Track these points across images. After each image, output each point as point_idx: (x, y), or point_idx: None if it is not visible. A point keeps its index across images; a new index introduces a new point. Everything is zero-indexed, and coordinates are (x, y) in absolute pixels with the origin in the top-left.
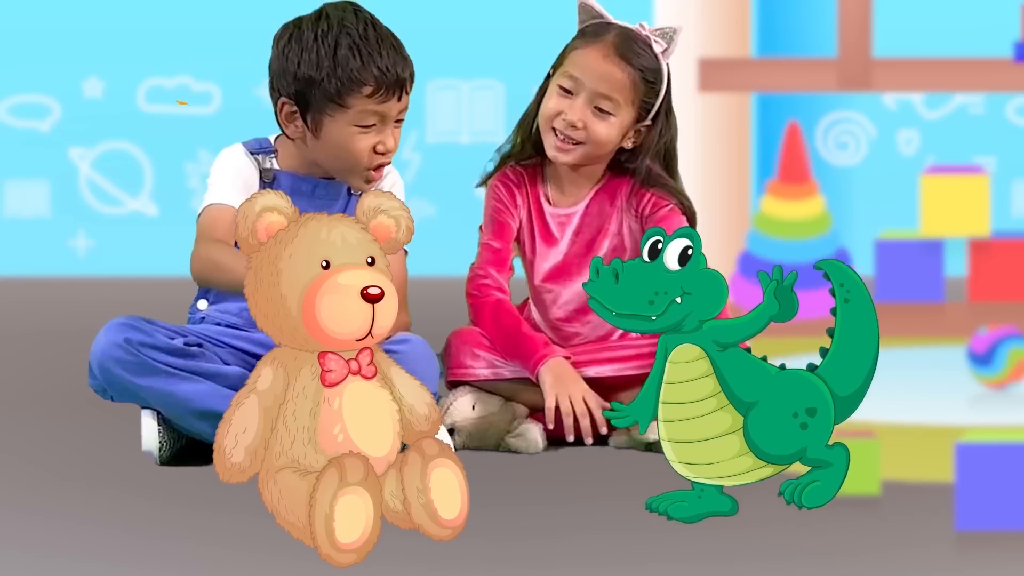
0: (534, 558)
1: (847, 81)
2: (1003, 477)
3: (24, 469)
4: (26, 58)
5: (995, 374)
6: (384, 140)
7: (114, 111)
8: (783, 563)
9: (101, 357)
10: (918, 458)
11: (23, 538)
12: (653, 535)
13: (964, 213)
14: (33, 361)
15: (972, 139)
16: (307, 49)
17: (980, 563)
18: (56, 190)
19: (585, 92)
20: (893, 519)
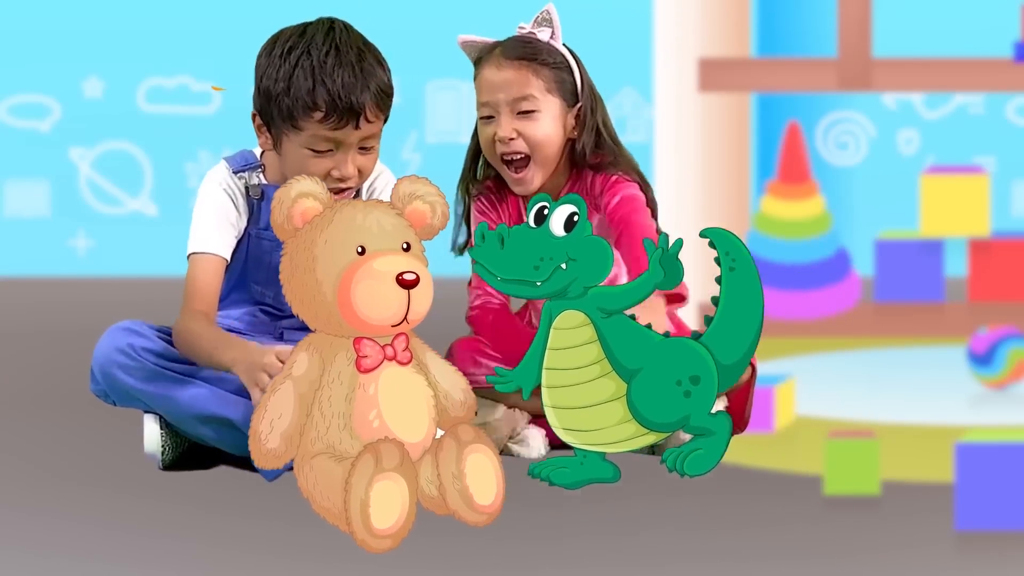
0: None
1: (847, 81)
2: (1003, 477)
3: (25, 470)
4: (26, 58)
5: (995, 374)
6: (340, 167)
7: (114, 111)
8: (784, 563)
9: (103, 362)
10: (918, 458)
11: (24, 538)
12: (653, 534)
13: (964, 213)
14: (34, 362)
15: (972, 139)
16: (272, 64)
17: (980, 563)
18: (56, 190)
19: (502, 106)
20: (893, 519)
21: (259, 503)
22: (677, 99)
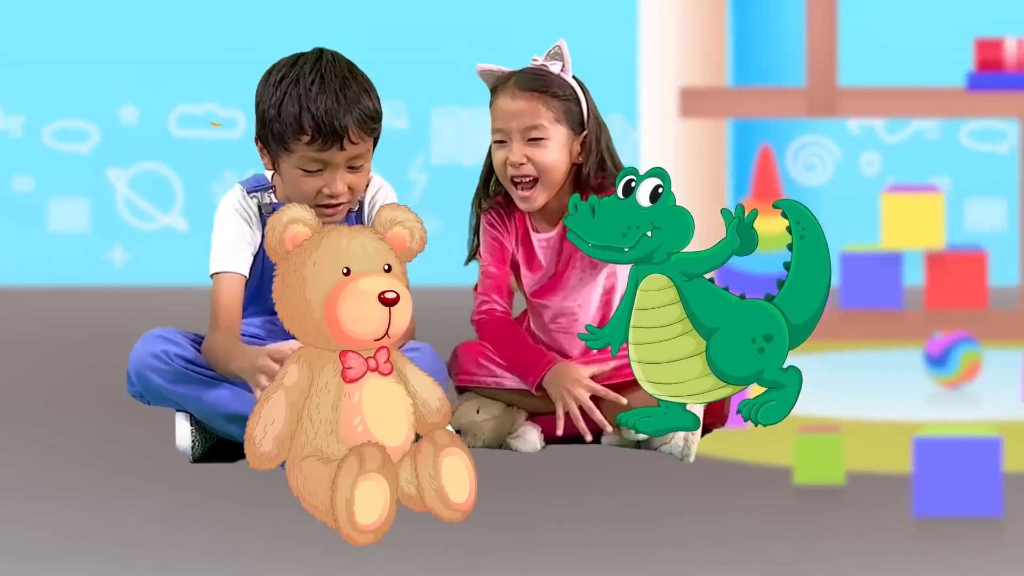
0: (532, 543)
1: (815, 108)
2: (957, 468)
3: (68, 462)
4: (68, 87)
5: (949, 375)
6: (329, 185)
7: (148, 135)
8: (758, 545)
9: (139, 366)
10: (879, 451)
11: (66, 523)
12: (640, 521)
13: (921, 228)
14: (75, 365)
15: (928, 161)
16: (266, 92)
17: (936, 548)
18: (95, 207)
19: (514, 133)
20: (856, 506)
21: (275, 493)
22: (660, 124)
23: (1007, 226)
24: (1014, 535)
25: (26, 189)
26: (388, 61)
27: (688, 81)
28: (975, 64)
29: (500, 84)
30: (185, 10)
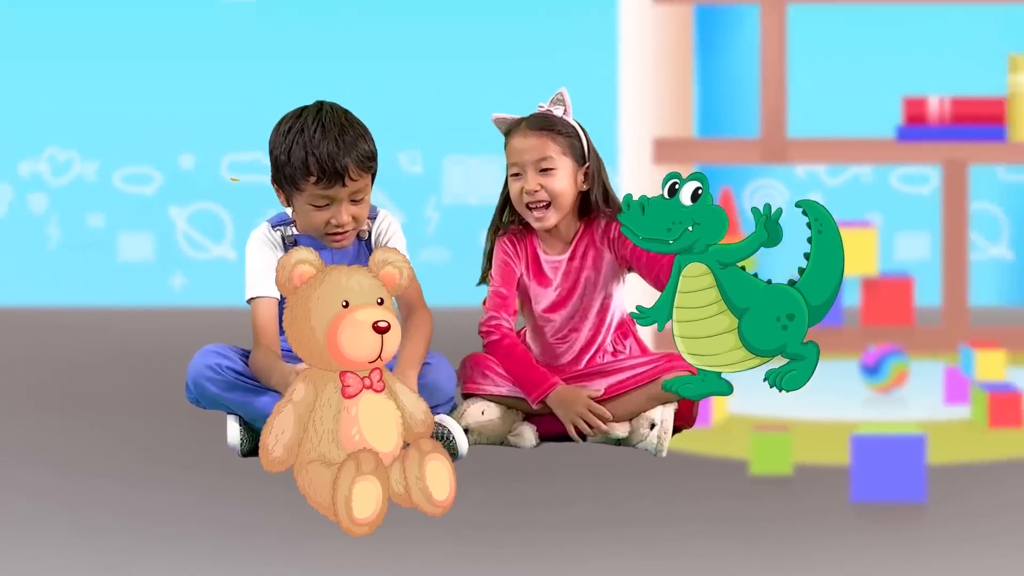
0: (526, 523)
1: (767, 155)
2: (888, 461)
3: (136, 457)
4: (135, 138)
5: (881, 382)
6: (335, 217)
7: (203, 179)
8: (719, 527)
9: (195, 376)
10: (822, 446)
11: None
12: (619, 505)
13: (857, 257)
14: (141, 375)
15: (864, 201)
16: (277, 141)
17: (870, 528)
18: (158, 240)
19: (528, 165)
20: (802, 493)
21: None
22: (637, 169)
23: (930, 256)
24: (936, 517)
25: (99, 225)
26: (406, 117)
27: (660, 132)
28: (903, 118)
29: (513, 128)
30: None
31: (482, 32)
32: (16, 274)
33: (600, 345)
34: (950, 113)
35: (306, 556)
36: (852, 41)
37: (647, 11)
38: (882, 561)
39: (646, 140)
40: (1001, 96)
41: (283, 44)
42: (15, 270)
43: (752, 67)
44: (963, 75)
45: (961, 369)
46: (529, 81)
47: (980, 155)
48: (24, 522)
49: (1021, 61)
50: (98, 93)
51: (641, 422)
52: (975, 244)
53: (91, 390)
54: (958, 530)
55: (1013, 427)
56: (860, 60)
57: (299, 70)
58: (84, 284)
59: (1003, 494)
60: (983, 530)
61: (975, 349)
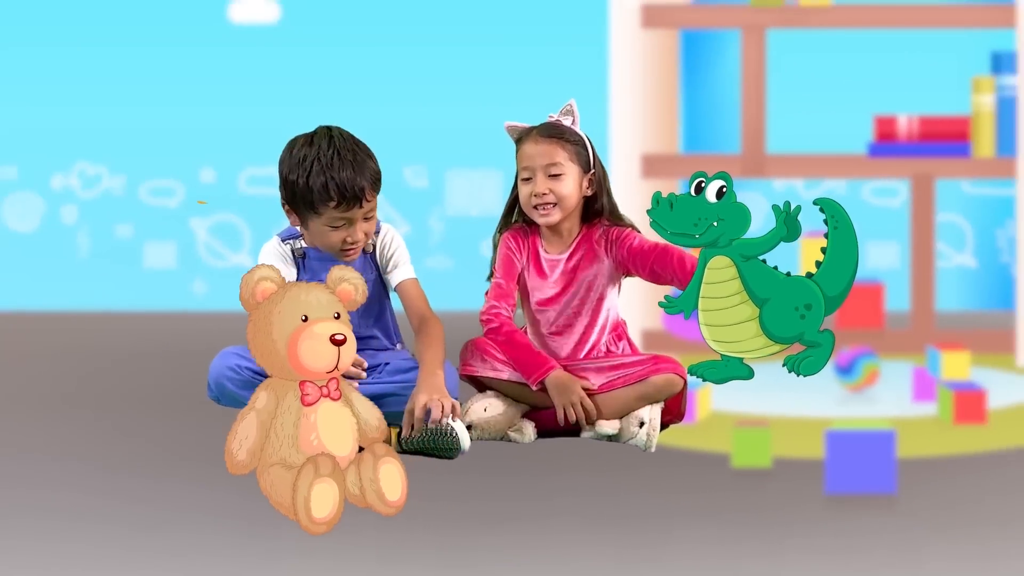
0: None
1: (747, 170)
2: (860, 455)
3: (159, 452)
4: (159, 153)
5: (854, 381)
6: (351, 235)
7: (222, 192)
8: (704, 518)
9: (216, 376)
10: (798, 441)
11: (157, 497)
12: (610, 496)
13: None
14: (164, 374)
15: None
16: (292, 167)
17: (842, 516)
18: (181, 249)
19: (538, 170)
20: (781, 485)
21: None
22: (626, 183)
23: (899, 264)
24: (905, 507)
25: (127, 235)
26: (411, 134)
27: (648, 149)
28: (874, 135)
29: (524, 135)
30: (250, 91)
31: (482, 56)
32: (49, 281)
33: (595, 344)
34: (918, 131)
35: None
36: (827, 64)
37: (636, 35)
38: (855, 548)
39: (635, 155)
40: (965, 115)
41: (297, 65)
42: (48, 277)
43: (734, 88)
44: (930, 95)
45: (928, 369)
46: (525, 101)
47: (946, 170)
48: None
49: (983, 82)
50: (125, 112)
51: (631, 420)
52: (941, 253)
53: (118, 388)
54: (926, 519)
55: (976, 423)
56: (834, 81)
57: (312, 90)
58: (112, 290)
59: (967, 486)
60: (949, 519)
61: (941, 351)
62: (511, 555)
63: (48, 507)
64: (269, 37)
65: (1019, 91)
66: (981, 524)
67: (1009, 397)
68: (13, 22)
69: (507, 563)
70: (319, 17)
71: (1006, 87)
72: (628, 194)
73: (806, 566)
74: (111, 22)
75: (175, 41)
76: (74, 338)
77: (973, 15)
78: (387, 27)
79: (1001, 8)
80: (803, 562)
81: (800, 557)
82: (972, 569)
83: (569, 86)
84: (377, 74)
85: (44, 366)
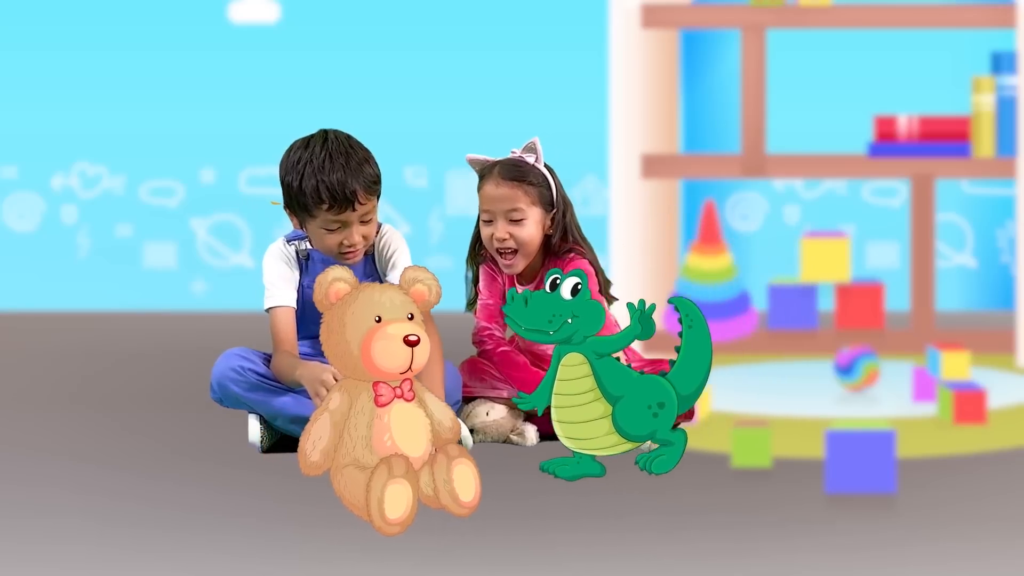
0: (528, 512)
1: (748, 170)
2: (860, 455)
3: (163, 453)
4: (159, 153)
5: (854, 381)
6: (347, 238)
7: (223, 192)
8: (704, 517)
9: (219, 377)
10: (798, 441)
11: (160, 498)
12: (613, 494)
13: (832, 265)
14: (164, 374)
15: (838, 212)
16: (288, 171)
17: (843, 516)
18: (181, 249)
19: (498, 214)
20: (781, 484)
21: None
22: (626, 183)
23: (899, 264)
24: (905, 507)
25: (127, 235)
26: (412, 134)
27: (648, 149)
28: (874, 135)
29: (486, 172)
30: (251, 91)
31: (482, 55)
32: (49, 280)
33: None
34: (918, 131)
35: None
36: (826, 63)
37: (636, 35)
38: (855, 547)
39: (635, 156)
40: (965, 115)
41: (297, 65)
42: (49, 277)
43: (734, 88)
44: (930, 95)
45: (928, 369)
46: (526, 101)
47: (946, 170)
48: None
49: (983, 82)
50: (125, 112)
51: None
52: (941, 253)
53: (117, 388)
54: (926, 519)
55: (976, 423)
56: (834, 81)
57: (312, 90)
58: (112, 290)
59: (967, 485)
60: (948, 518)
61: (941, 350)
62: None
63: (49, 506)
64: (269, 37)
65: (1019, 91)
66: (981, 524)
67: (1009, 397)
68: (13, 23)
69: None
70: (319, 17)
71: (1006, 87)
72: (628, 194)
73: (806, 566)
74: (110, 22)
75: (175, 40)
76: (74, 338)
77: (973, 15)
78: (386, 27)
79: (1001, 8)
80: (803, 562)
81: (800, 557)
82: (972, 569)
83: (569, 86)
84: (377, 74)
85: (43, 366)
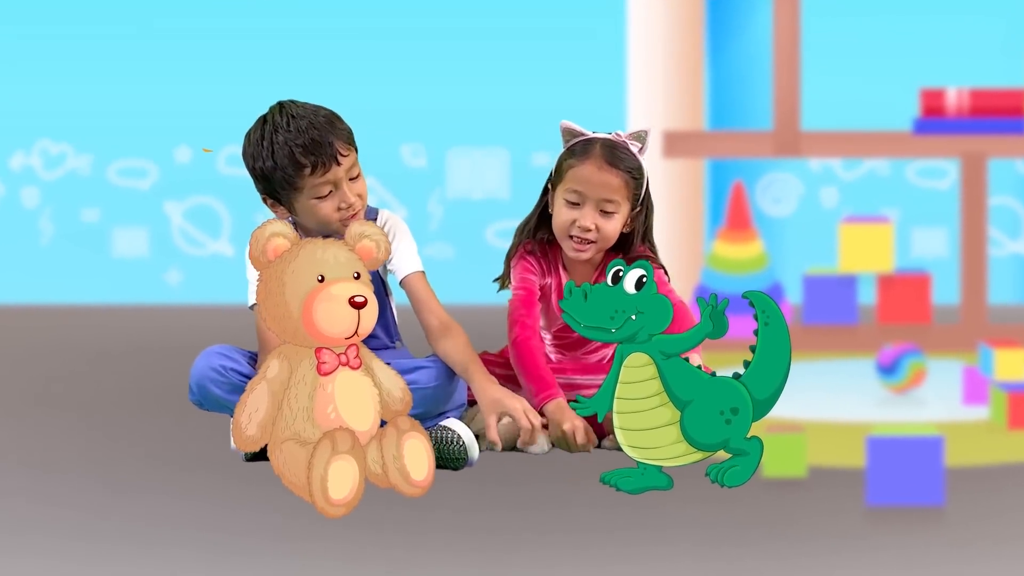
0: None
1: (781, 149)
2: (904, 463)
3: (137, 460)
4: (129, 130)
5: (898, 381)
6: (343, 198)
7: (199, 173)
8: (733, 530)
9: (199, 378)
10: (837, 448)
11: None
12: (632, 507)
13: (873, 254)
14: (136, 373)
15: (880, 195)
16: (255, 154)
17: (886, 531)
18: (153, 235)
19: (590, 201)
20: (817, 496)
21: None
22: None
23: (948, 252)
24: (954, 521)
25: (93, 220)
26: (410, 108)
27: (670, 125)
28: (921, 110)
29: (582, 148)
30: (231, 65)
31: (488, 22)
32: (8, 270)
33: None
34: (968, 105)
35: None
36: (868, 31)
37: None
38: (898, 566)
39: (655, 133)
40: (1021, 87)
41: (282, 36)
42: (7, 266)
43: (765, 57)
44: (982, 66)
45: (980, 369)
46: (536, 71)
47: (999, 148)
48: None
49: None
50: (91, 84)
51: None
52: (994, 240)
53: (84, 389)
54: (977, 534)
55: None
56: (876, 50)
57: (298, 62)
58: (77, 280)
59: (1022, 496)
60: (1002, 534)
61: (994, 348)
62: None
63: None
64: (252, 4)
65: None
66: None
67: None
68: None
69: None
70: None
71: None
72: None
73: None
74: None
75: (145, 11)
76: (37, 335)
77: None
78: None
79: None
80: None
81: (838, 574)
82: None
83: (584, 56)
84: (371, 46)
85: (3, 365)
